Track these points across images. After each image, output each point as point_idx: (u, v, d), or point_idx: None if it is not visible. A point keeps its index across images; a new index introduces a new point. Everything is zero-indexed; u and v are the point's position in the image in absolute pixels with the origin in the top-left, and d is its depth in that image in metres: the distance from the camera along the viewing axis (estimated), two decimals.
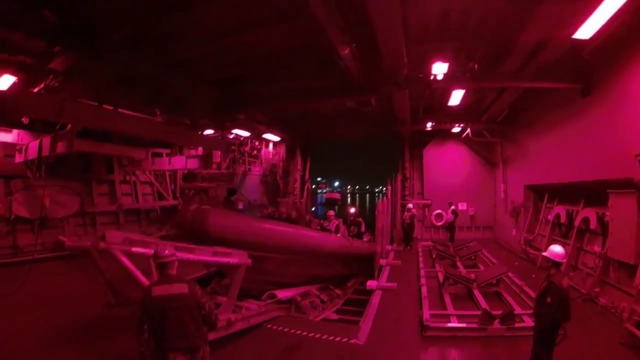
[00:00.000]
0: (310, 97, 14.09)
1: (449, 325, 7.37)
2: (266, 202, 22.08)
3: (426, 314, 7.62)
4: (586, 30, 7.84)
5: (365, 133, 22.98)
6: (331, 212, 15.95)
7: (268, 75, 13.16)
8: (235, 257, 7.17)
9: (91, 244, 5.78)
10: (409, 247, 17.36)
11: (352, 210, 17.57)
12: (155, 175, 17.99)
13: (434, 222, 20.42)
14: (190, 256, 6.36)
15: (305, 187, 22.85)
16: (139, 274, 5.59)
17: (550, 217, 13.33)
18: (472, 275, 10.13)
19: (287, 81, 13.52)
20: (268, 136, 21.28)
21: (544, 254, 5.49)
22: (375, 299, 9.47)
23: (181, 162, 15.68)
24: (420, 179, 21.79)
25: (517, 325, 7.27)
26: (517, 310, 7.99)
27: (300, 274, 11.31)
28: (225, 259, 7.04)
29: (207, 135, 15.14)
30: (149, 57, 10.70)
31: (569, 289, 5.20)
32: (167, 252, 4.36)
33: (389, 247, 15.87)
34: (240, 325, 7.10)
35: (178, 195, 19.36)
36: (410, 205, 18.30)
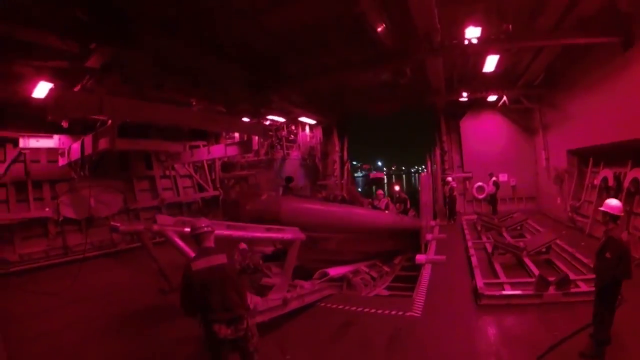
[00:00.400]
0: (344, 71, 14.05)
1: (504, 293, 7.45)
2: (307, 185, 22.39)
3: (479, 282, 7.74)
4: None
5: (400, 108, 22.81)
6: (380, 192, 16.44)
7: (301, 52, 13.20)
8: (289, 233, 7.37)
9: (144, 227, 6.12)
10: (452, 221, 17.41)
11: (397, 188, 17.78)
12: (194, 167, 18.60)
13: (476, 194, 20.25)
14: (243, 233, 6.70)
15: (345, 167, 23.03)
16: (192, 254, 5.90)
17: (597, 182, 13.00)
18: (521, 244, 10.15)
19: (320, 57, 13.56)
20: (304, 119, 21.52)
21: (601, 208, 5.38)
22: (426, 272, 9.64)
23: (220, 151, 16.07)
24: (459, 151, 21.51)
25: (572, 290, 7.25)
26: (571, 276, 7.91)
27: (357, 251, 11.77)
28: (279, 234, 7.30)
29: (245, 121, 15.41)
30: (183, 43, 10.90)
31: (629, 243, 5.17)
32: (202, 224, 4.42)
33: (433, 222, 15.97)
34: (296, 304, 7.27)
35: (218, 185, 19.75)
36: (449, 179, 18.30)
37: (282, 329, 6.71)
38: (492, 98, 18.04)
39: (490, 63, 13.20)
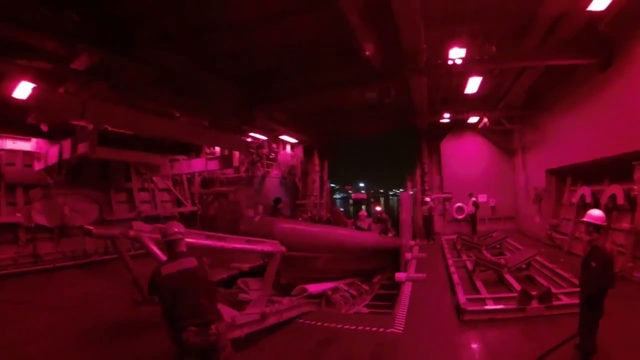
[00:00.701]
0: (331, 88, 14.12)
1: (486, 307, 7.30)
2: (287, 204, 22.16)
3: (462, 298, 7.57)
4: (601, 2, 8.09)
5: (383, 130, 23.08)
6: (363, 213, 16.54)
7: (290, 68, 13.42)
8: (269, 245, 7.16)
9: (120, 232, 5.78)
10: (431, 241, 17.32)
11: (378, 208, 17.66)
12: (173, 182, 18.38)
13: (455, 215, 20.29)
14: (223, 244, 6.42)
15: (325, 187, 22.91)
16: None
17: (575, 200, 13.15)
18: (502, 261, 10.11)
19: (309, 74, 13.67)
20: (285, 138, 21.38)
21: (584, 219, 5.42)
22: (406, 290, 9.40)
23: (201, 164, 15.99)
24: (439, 172, 21.66)
25: (555, 303, 7.20)
26: (553, 290, 7.80)
27: (342, 270, 11.75)
28: (259, 247, 7.07)
29: (229, 136, 15.19)
30: (175, 54, 10.92)
31: (612, 253, 5.18)
32: (175, 229, 4.23)
33: (412, 242, 15.83)
34: (274, 319, 6.97)
35: (197, 201, 19.59)
36: (427, 199, 18.32)
37: (260, 344, 6.38)
38: (473, 120, 18.26)
39: (473, 85, 13.41)
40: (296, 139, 21.84)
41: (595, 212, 5.36)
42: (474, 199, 18.38)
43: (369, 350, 6.08)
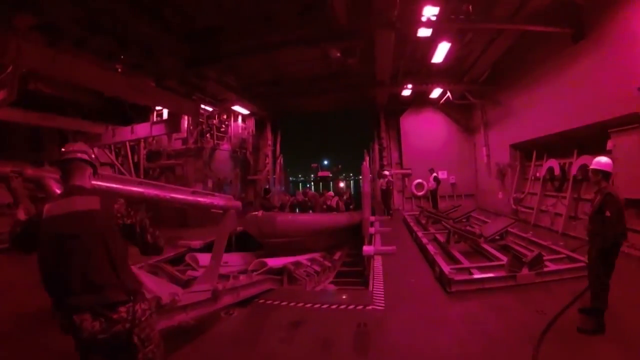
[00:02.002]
0: (289, 45, 12.72)
1: (476, 277, 6.52)
2: (237, 179, 20.83)
3: (446, 268, 6.73)
4: None
5: (339, 104, 22.00)
6: (330, 193, 18.28)
7: (244, 26, 11.99)
8: (221, 199, 5.81)
9: (11, 170, 4.29)
10: (390, 216, 16.61)
11: (342, 184, 17.14)
12: (116, 155, 17.40)
13: (415, 192, 19.75)
14: (159, 193, 5.11)
15: (278, 162, 21.66)
16: None
17: (541, 174, 13.01)
18: (477, 230, 9.42)
19: (266, 32, 12.29)
20: (237, 108, 19.91)
21: (592, 167, 4.91)
22: (377, 264, 8.52)
23: (145, 130, 14.54)
24: (398, 148, 21.02)
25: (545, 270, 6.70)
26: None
27: (320, 246, 12.29)
28: (206, 200, 5.75)
29: (177, 97, 13.62)
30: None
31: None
32: (74, 147, 2.77)
33: (372, 218, 15.10)
34: (229, 298, 5.82)
35: (142, 176, 18.05)
36: (386, 172, 17.60)
37: (212, 331, 5.23)
38: (436, 93, 17.57)
39: (441, 52, 12.57)
40: (248, 110, 20.37)
41: (603, 159, 4.93)
42: (435, 174, 17.80)
43: (350, 331, 5.06)
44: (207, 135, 19.00)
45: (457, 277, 6.38)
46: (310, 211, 16.98)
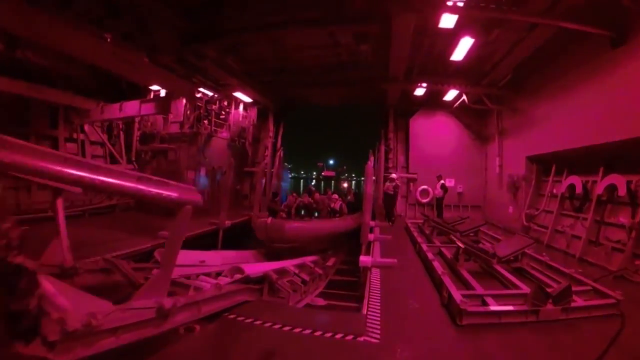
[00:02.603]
0: (295, 27, 11.56)
1: (492, 308, 5.39)
2: (232, 170, 19.71)
3: (457, 295, 5.58)
4: None
5: (347, 99, 20.85)
6: (335, 196, 18.33)
7: (247, 2, 10.96)
8: (176, 190, 4.51)
9: None
10: (391, 223, 15.49)
11: (345, 184, 16.21)
12: (108, 135, 16.75)
13: (419, 198, 18.63)
14: (89, 175, 3.81)
15: (277, 156, 20.51)
16: None
17: (560, 190, 11.93)
18: (488, 248, 8.34)
19: (269, 12, 11.25)
20: (239, 95, 18.81)
21: None
22: (375, 278, 7.43)
23: (134, 108, 13.60)
24: (405, 151, 19.92)
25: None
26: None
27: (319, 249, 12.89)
28: (153, 189, 4.32)
29: (171, 75, 12.53)
30: None
31: None
32: None
33: (372, 223, 14.03)
34: (185, 315, 4.57)
35: (134, 158, 17.75)
36: (394, 175, 16.46)
37: (163, 352, 4.14)
38: (450, 95, 16.45)
39: (463, 48, 11.50)
40: (251, 97, 19.25)
41: None
42: (442, 182, 16.70)
43: None
44: (205, 121, 17.95)
45: (470, 307, 5.26)
46: (316, 214, 17.02)
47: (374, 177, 15.33)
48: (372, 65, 15.18)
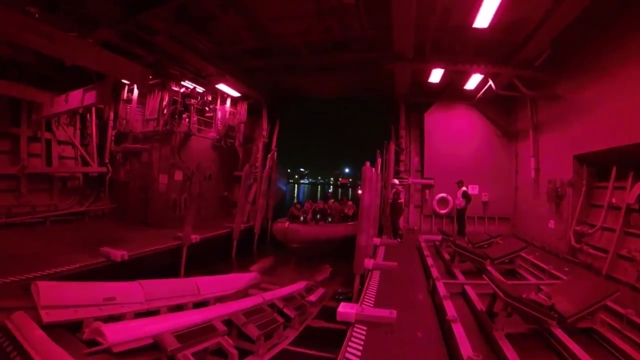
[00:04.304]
0: None
1: None
2: (218, 174, 17.06)
3: None
4: None
5: (348, 88, 17.79)
6: (350, 202, 18.18)
7: None
8: None
9: None
10: (399, 240, 12.50)
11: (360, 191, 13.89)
12: (83, 135, 15.36)
13: (437, 209, 15.56)
14: None
15: (270, 156, 17.66)
16: None
17: (625, 200, 8.75)
18: (543, 299, 5.25)
19: None
20: (224, 89, 16.12)
21: None
22: (356, 344, 4.56)
23: (77, 98, 11.13)
24: (420, 152, 16.80)
25: None
26: None
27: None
28: None
29: (106, 51, 9.91)
30: None
31: None
32: None
33: (377, 241, 11.13)
34: None
35: (107, 161, 15.87)
36: (395, 181, 13.47)
37: None
38: (472, 83, 13.45)
39: (488, 9, 8.56)
40: (238, 90, 16.50)
41: None
42: (464, 188, 13.60)
43: None
44: (185, 117, 15.30)
45: None
46: (330, 219, 17.05)
47: (379, 183, 12.51)
48: (373, 43, 12.32)
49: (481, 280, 6.84)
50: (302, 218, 16.20)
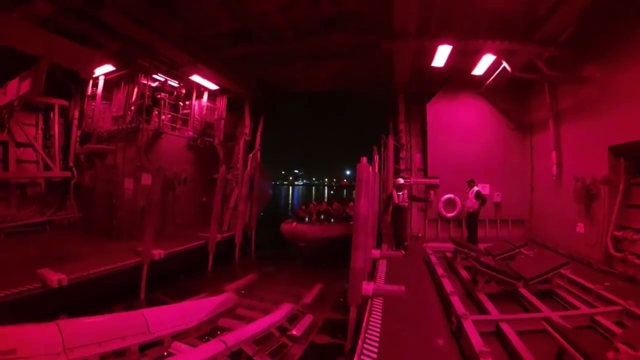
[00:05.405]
0: None
1: None
2: (194, 176, 15.15)
3: None
4: None
5: (342, 78, 15.85)
6: (351, 203, 18.08)
7: None
8: None
9: None
10: (404, 251, 10.63)
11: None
12: (46, 137, 13.94)
13: (443, 212, 13.73)
14: None
15: (252, 155, 15.78)
16: None
17: None
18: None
19: None
20: (199, 80, 14.25)
21: None
22: None
23: (14, 89, 9.38)
24: (422, 149, 14.86)
25: None
26: None
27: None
28: None
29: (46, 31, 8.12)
30: None
31: None
32: None
33: (376, 253, 9.30)
34: None
35: (72, 164, 14.31)
36: (400, 180, 11.50)
37: None
38: (483, 66, 11.63)
39: None
40: (215, 83, 14.61)
41: None
42: (476, 188, 11.76)
43: None
44: (155, 114, 13.40)
45: None
46: (332, 219, 17.82)
47: (376, 184, 10.69)
48: (368, 21, 10.56)
49: (522, 314, 5.09)
50: (307, 219, 16.99)
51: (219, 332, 6.82)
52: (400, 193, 10.93)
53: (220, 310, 7.73)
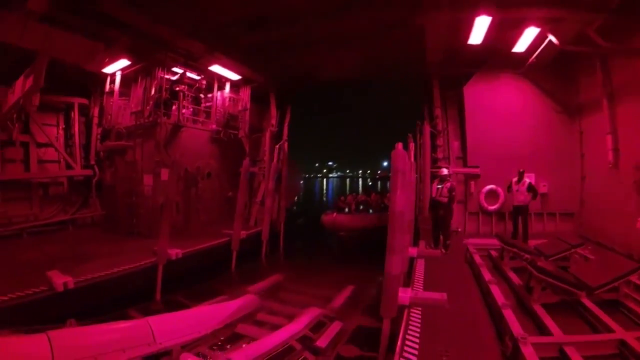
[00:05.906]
0: None
1: None
2: (221, 171, 14.59)
3: None
4: None
5: (370, 65, 14.98)
6: (389, 194, 16.76)
7: None
8: None
9: None
10: (444, 251, 9.66)
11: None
12: (68, 136, 14.19)
13: (484, 204, 12.64)
14: None
15: (279, 149, 15.13)
16: None
17: None
18: None
19: None
20: (220, 70, 13.66)
21: None
22: None
23: (20, 86, 8.99)
24: (460, 135, 13.76)
25: None
26: None
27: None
28: None
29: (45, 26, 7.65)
30: None
31: None
32: None
33: (413, 251, 8.43)
34: None
35: (93, 162, 14.51)
36: (445, 171, 10.43)
37: None
38: (525, 42, 10.41)
39: None
40: (238, 73, 13.94)
41: None
42: (528, 180, 10.63)
43: None
44: (174, 108, 12.83)
45: None
46: (370, 210, 18.49)
47: (413, 175, 9.78)
48: None
49: (590, 335, 4.16)
50: (347, 209, 17.92)
51: (234, 341, 6.17)
52: (441, 186, 9.92)
53: (238, 315, 7.10)
